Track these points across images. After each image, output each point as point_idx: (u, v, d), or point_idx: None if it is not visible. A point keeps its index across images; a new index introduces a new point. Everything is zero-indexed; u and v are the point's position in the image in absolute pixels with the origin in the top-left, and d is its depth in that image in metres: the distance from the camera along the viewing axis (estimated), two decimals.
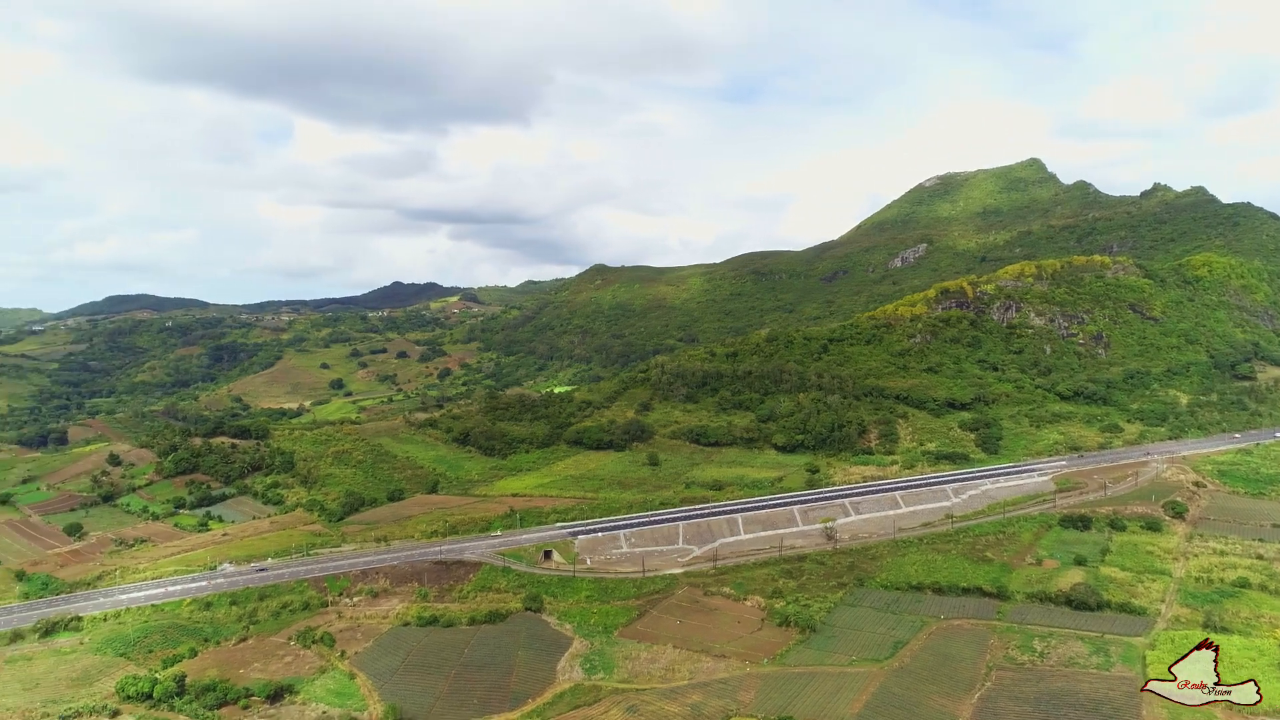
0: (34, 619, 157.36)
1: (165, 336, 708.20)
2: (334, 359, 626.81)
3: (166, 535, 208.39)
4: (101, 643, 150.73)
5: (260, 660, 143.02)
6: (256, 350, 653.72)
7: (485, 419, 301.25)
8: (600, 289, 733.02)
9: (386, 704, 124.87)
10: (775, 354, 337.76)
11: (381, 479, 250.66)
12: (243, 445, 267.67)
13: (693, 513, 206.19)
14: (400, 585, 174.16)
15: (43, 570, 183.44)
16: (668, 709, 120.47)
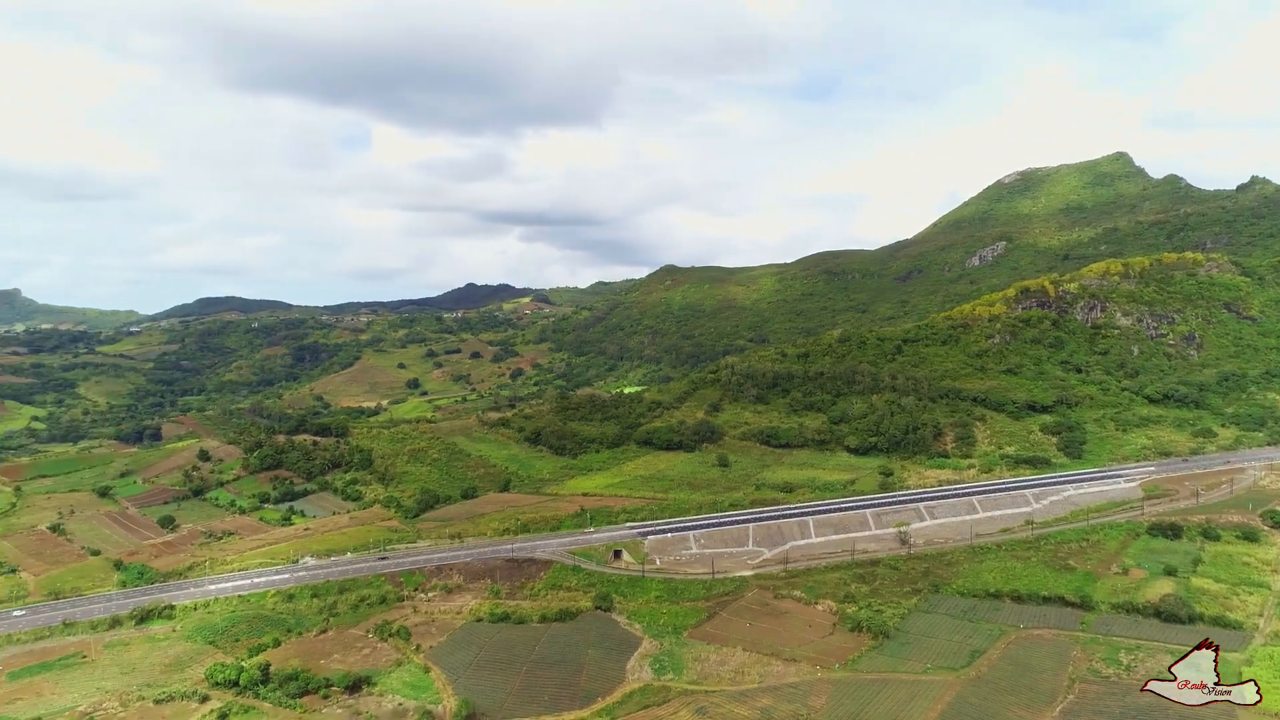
0: (130, 606, 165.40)
1: (251, 337, 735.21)
2: (410, 359, 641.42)
3: (252, 529, 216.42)
4: (192, 631, 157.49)
5: (340, 651, 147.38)
6: (337, 350, 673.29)
7: (556, 419, 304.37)
8: (670, 289, 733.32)
9: (460, 698, 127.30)
10: (848, 355, 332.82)
11: (455, 477, 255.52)
12: (323, 443, 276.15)
13: (763, 515, 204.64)
14: (473, 582, 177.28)
15: (139, 560, 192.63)
16: (737, 712, 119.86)
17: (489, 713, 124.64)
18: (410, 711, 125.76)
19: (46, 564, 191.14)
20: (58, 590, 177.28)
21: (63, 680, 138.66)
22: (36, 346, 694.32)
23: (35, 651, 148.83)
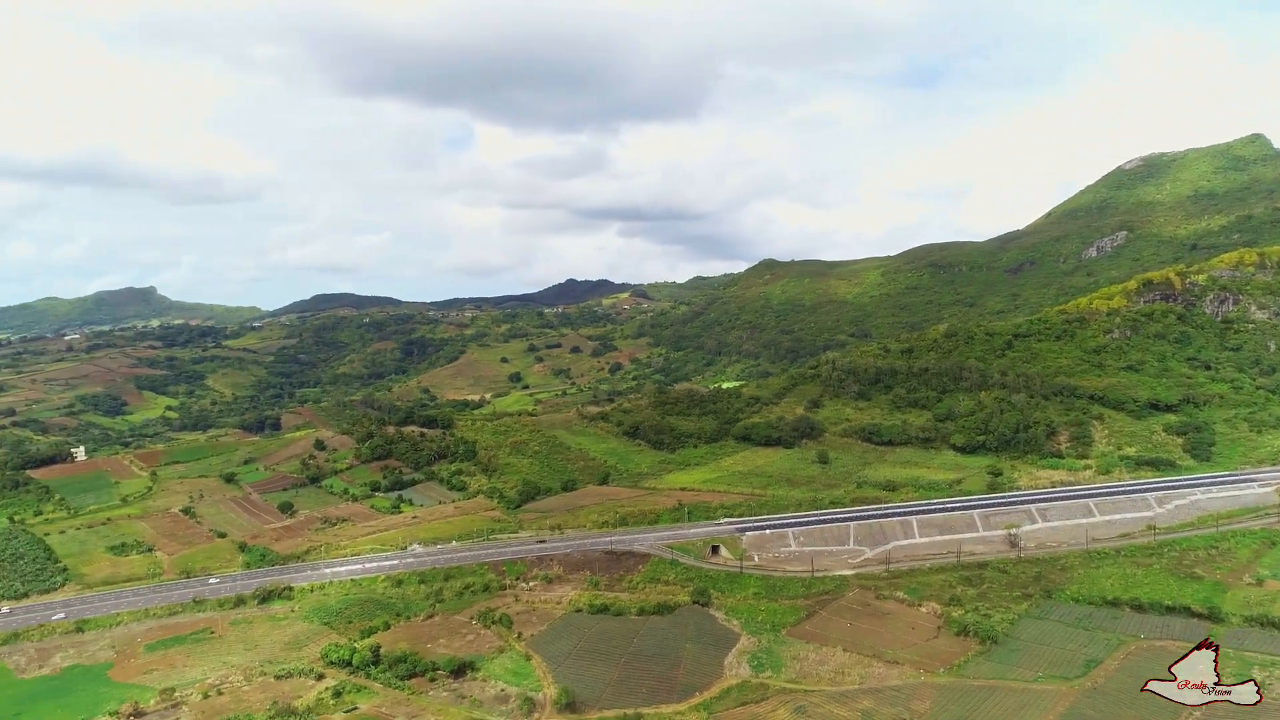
0: (253, 587, 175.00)
1: (363, 332, 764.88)
2: (512, 353, 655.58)
3: (363, 516, 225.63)
4: (309, 611, 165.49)
5: (445, 636, 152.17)
6: (443, 345, 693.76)
7: (654, 413, 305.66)
8: (769, 284, 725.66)
9: (560, 686, 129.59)
10: (954, 350, 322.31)
11: (556, 469, 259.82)
12: (430, 434, 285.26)
13: (864, 513, 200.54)
14: (573, 573, 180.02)
15: (261, 543, 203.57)
16: (837, 713, 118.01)
17: (588, 702, 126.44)
18: (512, 698, 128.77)
19: (179, 544, 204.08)
20: (189, 569, 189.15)
21: (193, 654, 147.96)
22: (170, 341, 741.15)
23: (169, 626, 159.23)
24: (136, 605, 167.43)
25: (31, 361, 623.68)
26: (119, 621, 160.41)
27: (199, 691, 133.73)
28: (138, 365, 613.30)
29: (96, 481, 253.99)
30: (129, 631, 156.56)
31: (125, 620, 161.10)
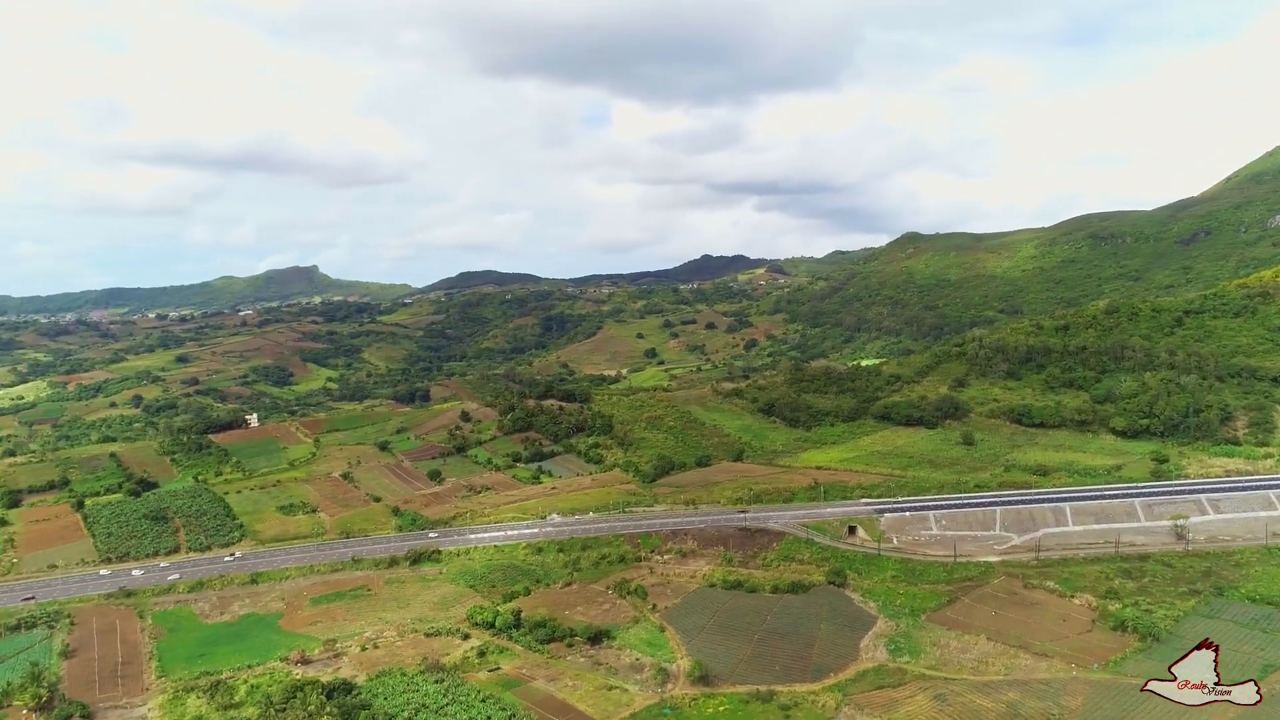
0: (405, 549, 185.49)
1: (505, 308, 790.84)
2: (648, 329, 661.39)
3: (505, 485, 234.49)
4: (456, 574, 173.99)
5: (582, 605, 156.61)
6: (580, 321, 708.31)
7: (790, 390, 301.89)
8: (912, 258, 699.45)
9: (693, 659, 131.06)
10: (1115, 327, 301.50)
11: (690, 445, 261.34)
12: (568, 408, 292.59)
13: (1012, 498, 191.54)
14: (707, 548, 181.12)
15: (412, 508, 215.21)
16: (980, 703, 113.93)
17: (721, 676, 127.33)
18: (647, 667, 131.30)
19: (339, 506, 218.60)
20: (348, 530, 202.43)
21: (352, 609, 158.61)
22: (330, 316, 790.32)
23: (331, 582, 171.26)
24: (303, 561, 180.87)
25: (211, 335, 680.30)
26: (287, 576, 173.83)
27: (357, 644, 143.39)
28: (302, 339, 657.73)
29: (267, 446, 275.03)
30: (296, 585, 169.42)
31: (293, 575, 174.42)
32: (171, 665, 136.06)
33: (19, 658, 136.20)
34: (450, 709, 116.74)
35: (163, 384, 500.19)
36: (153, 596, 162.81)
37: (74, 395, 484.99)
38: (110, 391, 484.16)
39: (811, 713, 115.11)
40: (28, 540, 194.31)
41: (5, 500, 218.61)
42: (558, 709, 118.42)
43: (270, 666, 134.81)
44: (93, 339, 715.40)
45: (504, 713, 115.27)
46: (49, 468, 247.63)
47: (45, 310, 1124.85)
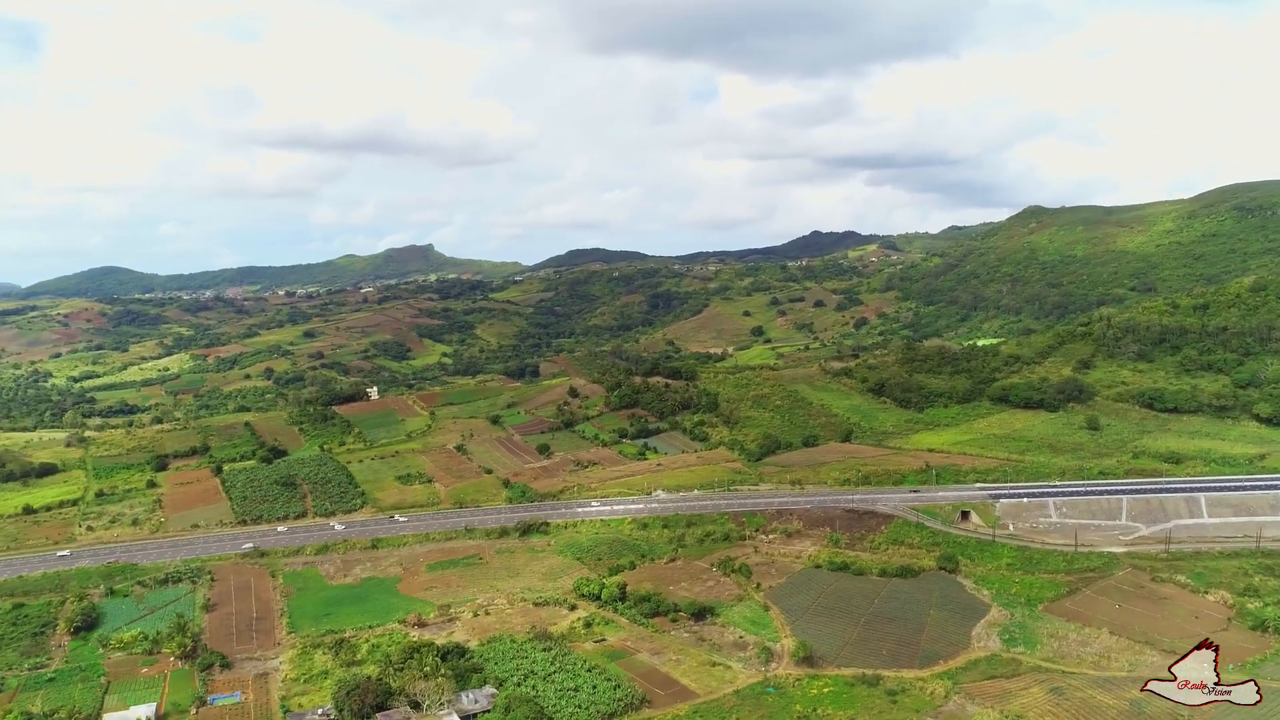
0: (515, 520, 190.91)
1: (613, 286, 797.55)
2: (755, 307, 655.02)
3: (612, 460, 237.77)
4: (563, 546, 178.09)
5: (686, 581, 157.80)
6: (687, 298, 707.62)
7: (901, 370, 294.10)
8: (1034, 233, 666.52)
9: (798, 639, 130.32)
10: (1262, 306, 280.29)
11: (797, 424, 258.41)
12: (674, 385, 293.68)
13: (1140, 486, 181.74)
14: (812, 528, 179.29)
15: (521, 481, 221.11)
16: (1100, 699, 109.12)
17: (825, 658, 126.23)
18: (750, 645, 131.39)
19: (453, 477, 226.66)
20: (461, 500, 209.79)
21: (465, 576, 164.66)
22: (445, 294, 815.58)
23: (445, 549, 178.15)
24: (419, 529, 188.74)
25: (335, 311, 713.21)
26: (405, 543, 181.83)
27: (470, 610, 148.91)
28: (419, 316, 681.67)
29: (386, 418, 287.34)
30: (413, 552, 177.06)
31: (410, 542, 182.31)
32: (300, 622, 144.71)
33: (167, 609, 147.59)
34: (557, 677, 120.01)
35: (291, 357, 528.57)
36: (283, 557, 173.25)
37: (213, 367, 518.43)
38: (244, 364, 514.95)
39: (919, 699, 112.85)
40: (173, 501, 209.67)
41: (154, 464, 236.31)
42: (662, 682, 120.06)
43: (389, 628, 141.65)
44: (229, 315, 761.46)
45: (609, 683, 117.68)
46: (191, 434, 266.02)
47: (187, 288, 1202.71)
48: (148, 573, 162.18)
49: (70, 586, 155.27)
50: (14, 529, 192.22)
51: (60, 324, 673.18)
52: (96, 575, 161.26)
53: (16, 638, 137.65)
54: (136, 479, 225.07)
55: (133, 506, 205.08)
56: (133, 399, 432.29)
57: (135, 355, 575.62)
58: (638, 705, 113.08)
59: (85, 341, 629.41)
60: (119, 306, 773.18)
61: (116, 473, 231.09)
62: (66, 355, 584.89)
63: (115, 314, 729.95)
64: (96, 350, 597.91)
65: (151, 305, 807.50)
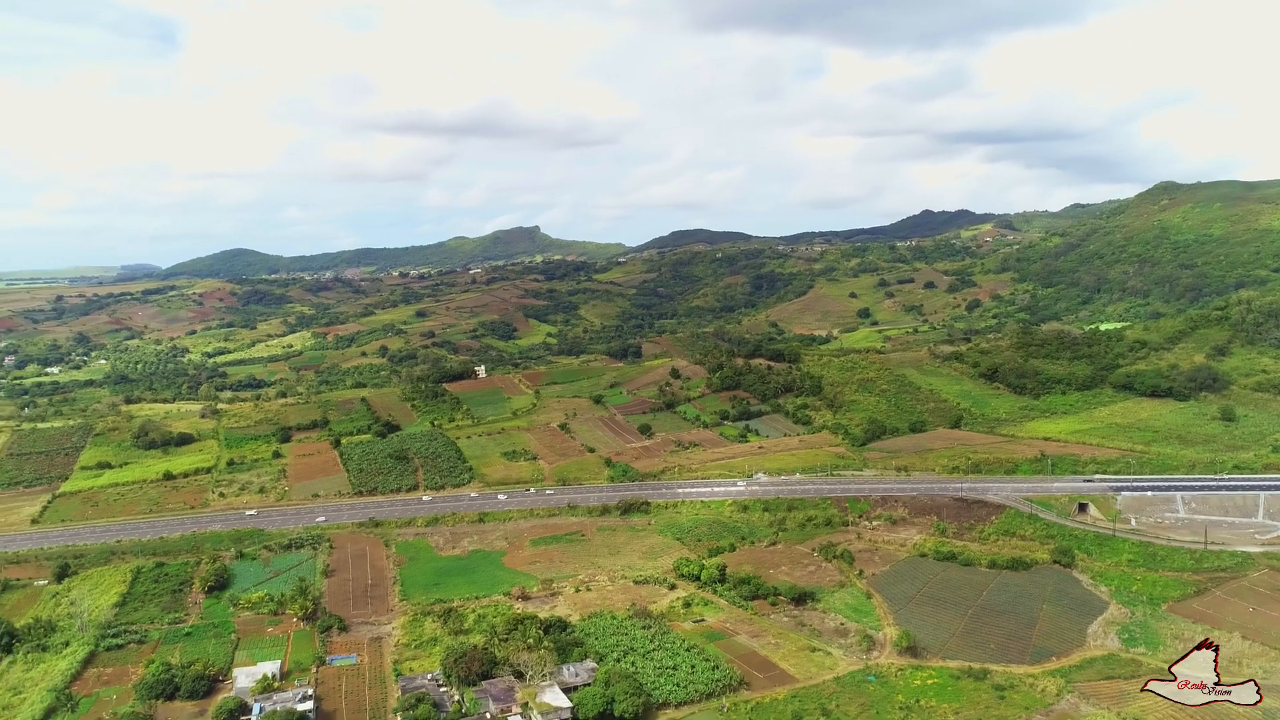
0: (617, 499, 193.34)
1: (715, 267, 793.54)
2: (861, 288, 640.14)
3: (713, 442, 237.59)
4: (663, 526, 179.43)
5: (787, 565, 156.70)
6: (791, 279, 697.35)
7: (1016, 355, 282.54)
8: (1166, 210, 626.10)
9: (901, 629, 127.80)
10: None
11: (903, 409, 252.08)
12: (777, 367, 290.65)
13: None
14: (918, 516, 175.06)
15: (623, 461, 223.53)
16: (1230, 706, 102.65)
17: (929, 649, 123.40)
18: (852, 632, 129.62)
19: (556, 455, 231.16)
20: (564, 478, 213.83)
21: (567, 552, 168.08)
22: (550, 274, 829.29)
23: (548, 525, 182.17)
24: (524, 505, 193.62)
25: (445, 292, 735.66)
26: (510, 517, 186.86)
27: (572, 585, 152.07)
28: (525, 296, 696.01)
29: (493, 396, 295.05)
30: (517, 527, 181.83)
31: (515, 517, 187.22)
32: (411, 590, 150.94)
33: (290, 573, 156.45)
34: (656, 655, 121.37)
35: (404, 336, 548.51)
36: (396, 528, 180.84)
37: (332, 345, 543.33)
38: (361, 342, 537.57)
39: (1029, 696, 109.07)
40: (296, 471, 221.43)
41: (279, 435, 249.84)
42: (760, 665, 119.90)
43: (494, 599, 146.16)
44: (347, 295, 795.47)
45: (708, 663, 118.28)
46: (313, 408, 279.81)
47: (309, 269, 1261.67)
48: (273, 538, 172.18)
49: (204, 548, 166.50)
50: (156, 493, 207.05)
51: (195, 303, 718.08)
52: (227, 539, 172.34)
53: (158, 594, 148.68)
54: (263, 449, 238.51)
55: (260, 475, 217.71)
56: (260, 374, 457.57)
57: (262, 333, 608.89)
58: (736, 687, 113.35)
59: (218, 319, 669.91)
60: (247, 287, 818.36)
61: (245, 443, 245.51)
62: (201, 332, 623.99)
63: (244, 294, 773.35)
64: (228, 328, 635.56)
65: (277, 285, 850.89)
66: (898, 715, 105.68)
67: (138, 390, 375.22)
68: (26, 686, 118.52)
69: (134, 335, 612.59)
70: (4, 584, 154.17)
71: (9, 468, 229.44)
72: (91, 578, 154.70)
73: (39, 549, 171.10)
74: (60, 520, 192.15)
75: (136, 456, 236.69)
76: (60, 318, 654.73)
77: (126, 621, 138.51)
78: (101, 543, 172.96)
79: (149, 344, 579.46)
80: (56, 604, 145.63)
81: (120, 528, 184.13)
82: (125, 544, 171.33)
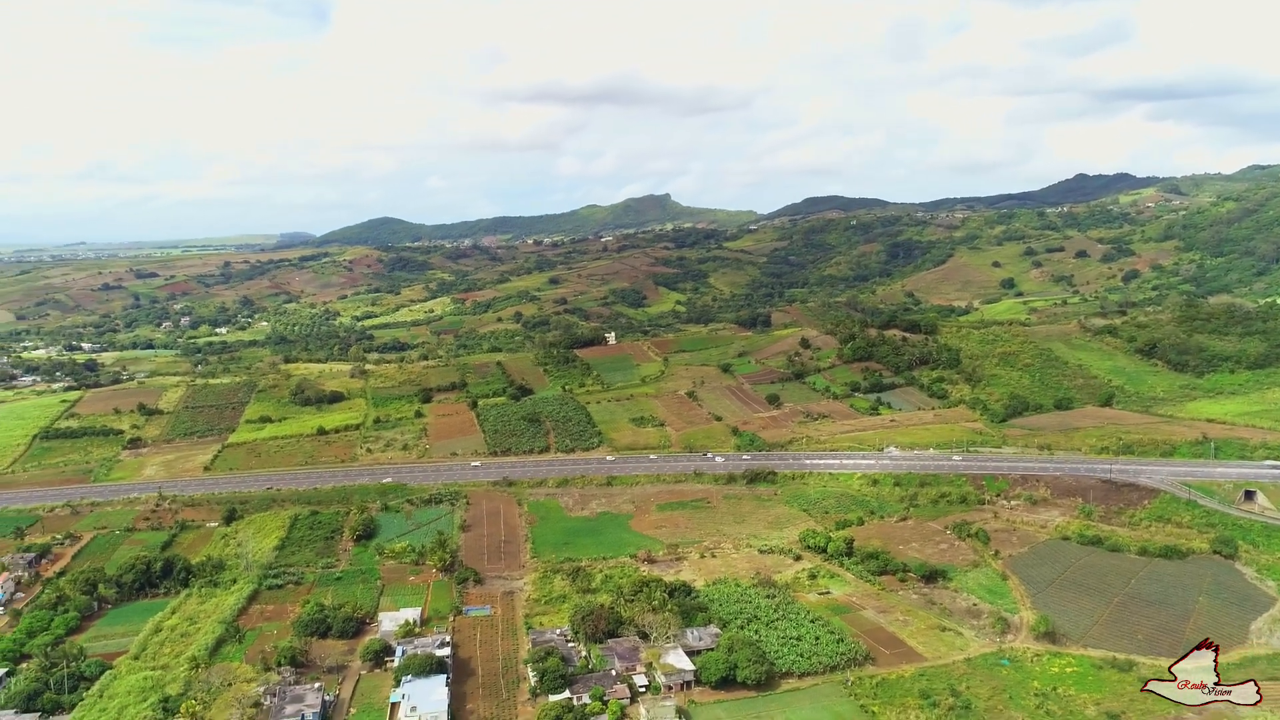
0: (743, 468, 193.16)
1: (850, 234, 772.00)
2: (1006, 257, 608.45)
3: (842, 414, 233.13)
4: (790, 497, 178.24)
5: (917, 541, 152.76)
6: (929, 248, 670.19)
7: (1179, 329, 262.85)
8: None
9: (1039, 613, 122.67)
10: None
11: (1049, 385, 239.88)
12: (912, 339, 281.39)
13: None
14: (1061, 498, 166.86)
15: (749, 430, 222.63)
16: None
17: (1069, 635, 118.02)
18: (985, 614, 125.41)
19: (683, 422, 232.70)
20: (690, 445, 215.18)
21: (693, 518, 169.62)
22: (680, 242, 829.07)
23: (674, 491, 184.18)
24: (650, 470, 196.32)
25: (578, 259, 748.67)
26: (637, 482, 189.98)
27: (697, 551, 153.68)
28: (655, 264, 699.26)
29: (622, 363, 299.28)
30: (644, 491, 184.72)
31: (642, 481, 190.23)
32: (542, 548, 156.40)
33: (430, 526, 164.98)
34: (780, 624, 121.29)
35: (538, 302, 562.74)
36: (528, 488, 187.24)
37: (469, 310, 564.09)
38: (497, 308, 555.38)
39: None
40: (436, 430, 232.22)
41: (420, 396, 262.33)
42: (887, 641, 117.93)
43: (620, 561, 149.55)
44: (484, 262, 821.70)
45: (832, 636, 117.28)
46: (451, 371, 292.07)
47: (449, 236, 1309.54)
48: (414, 493, 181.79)
49: (353, 500, 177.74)
50: (310, 447, 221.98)
51: (346, 269, 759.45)
52: (374, 492, 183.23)
53: (312, 540, 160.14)
54: (406, 409, 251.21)
55: (403, 433, 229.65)
56: (403, 337, 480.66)
57: (405, 298, 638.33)
58: (861, 661, 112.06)
59: (365, 285, 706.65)
60: (392, 254, 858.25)
61: (390, 402, 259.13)
62: (350, 297, 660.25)
63: (389, 260, 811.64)
64: (374, 293, 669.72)
65: (419, 253, 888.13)
66: (1033, 702, 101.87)
67: (294, 350, 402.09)
68: (201, 618, 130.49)
69: (291, 299, 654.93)
70: (181, 524, 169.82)
71: (185, 419, 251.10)
72: (255, 522, 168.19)
73: (210, 494, 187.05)
74: (228, 468, 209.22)
75: (294, 412, 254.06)
76: (227, 282, 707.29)
77: (285, 564, 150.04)
78: (263, 490, 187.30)
79: (304, 307, 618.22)
80: (225, 545, 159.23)
81: (279, 477, 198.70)
82: (284, 492, 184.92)
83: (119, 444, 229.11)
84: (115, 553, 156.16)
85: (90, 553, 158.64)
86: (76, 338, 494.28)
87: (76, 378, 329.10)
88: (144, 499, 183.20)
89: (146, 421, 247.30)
